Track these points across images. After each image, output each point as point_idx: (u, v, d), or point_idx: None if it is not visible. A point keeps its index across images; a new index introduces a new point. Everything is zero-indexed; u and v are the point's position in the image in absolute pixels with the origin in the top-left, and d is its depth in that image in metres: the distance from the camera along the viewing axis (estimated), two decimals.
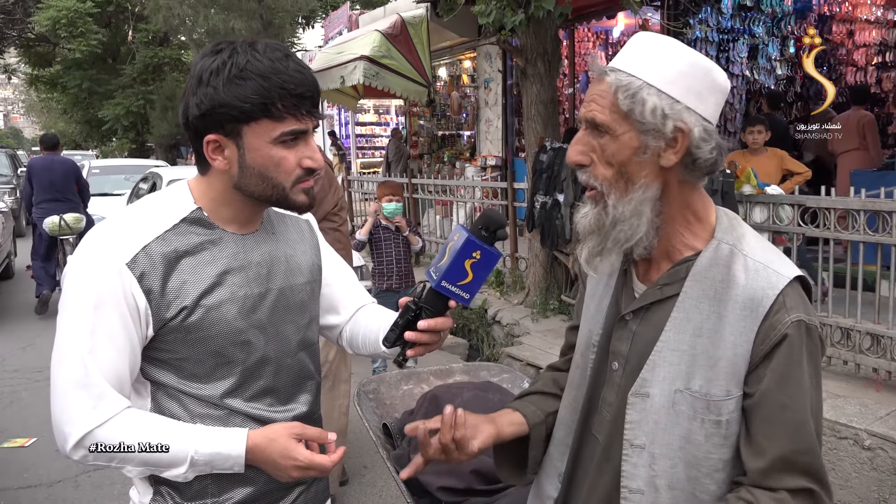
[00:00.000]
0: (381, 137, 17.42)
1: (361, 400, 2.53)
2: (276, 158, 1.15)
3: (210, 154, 1.16)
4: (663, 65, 1.07)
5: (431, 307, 1.14)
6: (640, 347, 1.16)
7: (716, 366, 1.08)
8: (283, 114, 1.12)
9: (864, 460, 3.32)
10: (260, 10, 14.07)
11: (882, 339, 3.75)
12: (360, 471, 3.80)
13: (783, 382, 1.05)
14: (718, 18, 8.30)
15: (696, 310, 1.10)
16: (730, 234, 1.13)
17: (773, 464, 1.04)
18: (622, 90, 1.07)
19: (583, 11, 7.62)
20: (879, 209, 3.73)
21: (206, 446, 1.11)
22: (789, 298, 1.07)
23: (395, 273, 4.57)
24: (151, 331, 1.15)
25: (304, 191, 1.20)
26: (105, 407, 1.11)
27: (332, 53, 8.58)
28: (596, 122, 1.09)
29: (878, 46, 8.62)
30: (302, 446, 1.16)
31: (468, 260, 1.09)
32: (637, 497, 1.13)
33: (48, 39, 20.92)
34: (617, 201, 1.10)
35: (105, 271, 1.11)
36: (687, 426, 1.10)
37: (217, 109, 1.11)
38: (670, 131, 1.06)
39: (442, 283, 1.11)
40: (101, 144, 26.35)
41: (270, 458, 1.15)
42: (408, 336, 1.16)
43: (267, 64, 1.11)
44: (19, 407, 4.78)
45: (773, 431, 1.05)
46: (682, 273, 1.13)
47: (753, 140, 5.14)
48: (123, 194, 10.06)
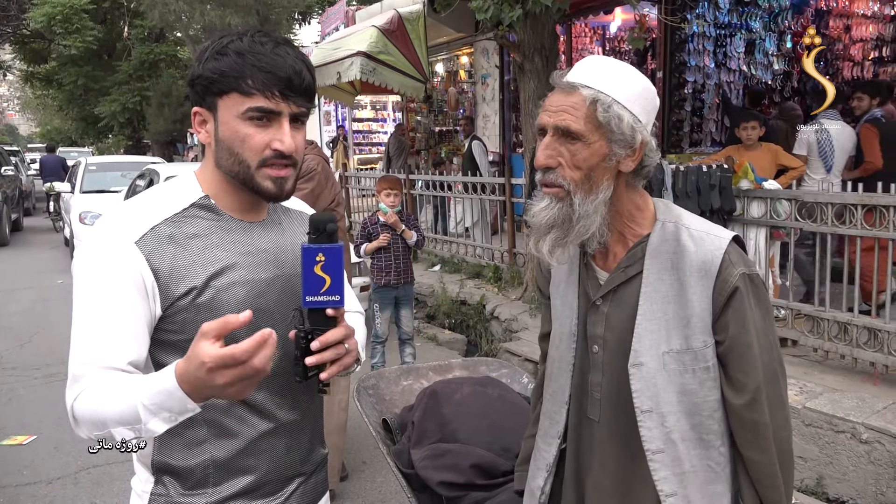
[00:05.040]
0: (379, 133, 17.38)
1: (361, 395, 2.53)
2: (241, 134, 1.17)
3: (196, 126, 1.23)
4: (626, 85, 1.24)
5: (316, 325, 1.14)
6: (615, 326, 1.31)
7: (689, 324, 1.25)
8: (251, 89, 1.15)
9: (862, 454, 3.33)
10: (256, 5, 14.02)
11: (879, 334, 3.77)
12: (360, 466, 3.81)
13: (745, 326, 1.24)
14: (716, 13, 8.29)
15: (659, 281, 1.27)
16: (669, 215, 1.31)
17: (754, 395, 1.24)
18: (600, 104, 1.21)
19: (580, 7, 7.61)
20: (877, 203, 3.74)
21: (149, 390, 1.05)
22: (732, 256, 1.25)
23: (394, 269, 4.57)
24: (160, 309, 1.16)
25: (270, 177, 1.20)
26: (78, 384, 1.13)
27: (328, 49, 8.55)
28: (570, 130, 1.23)
29: (874, 41, 8.63)
30: (211, 345, 0.97)
31: (316, 266, 1.11)
32: (660, 456, 1.26)
33: (43, 36, 20.79)
34: (582, 200, 1.24)
35: (114, 249, 1.14)
36: (679, 381, 1.25)
37: (196, 81, 1.19)
38: (637, 143, 1.24)
39: (307, 299, 1.12)
40: (97, 141, 26.22)
41: (194, 375, 0.99)
42: (309, 361, 1.13)
43: (247, 44, 1.17)
44: (18, 404, 4.78)
45: (748, 367, 1.24)
46: (638, 254, 1.30)
47: (748, 136, 5.13)
48: (120, 191, 10.02)
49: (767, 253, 4.49)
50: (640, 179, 1.31)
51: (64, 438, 4.13)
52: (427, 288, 7.01)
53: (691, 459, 1.26)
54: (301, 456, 1.33)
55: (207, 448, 1.20)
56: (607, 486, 1.31)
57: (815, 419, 3.49)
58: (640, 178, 1.31)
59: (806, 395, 3.66)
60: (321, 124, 16.47)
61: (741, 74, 8.74)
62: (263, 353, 0.99)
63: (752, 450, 1.26)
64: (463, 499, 2.03)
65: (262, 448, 1.25)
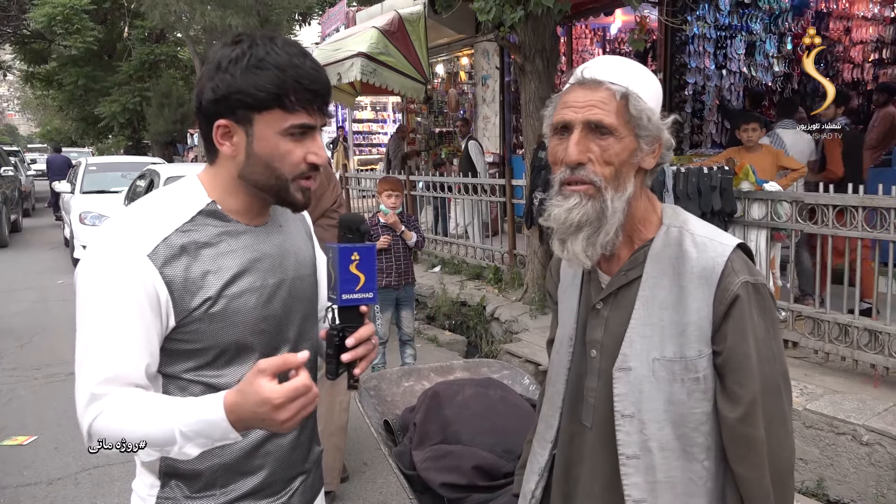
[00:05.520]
0: (379, 134, 17.39)
1: (362, 396, 2.53)
2: (282, 150, 1.17)
3: (218, 139, 1.19)
4: (646, 83, 1.23)
5: (349, 323, 1.17)
6: (613, 330, 1.28)
7: (685, 331, 1.22)
8: (296, 106, 1.15)
9: (863, 456, 3.33)
10: (257, 6, 14.04)
11: (880, 336, 3.77)
12: (361, 467, 3.81)
13: (743, 336, 1.19)
14: (716, 15, 8.30)
15: (658, 286, 1.24)
16: (675, 219, 1.29)
17: (747, 409, 1.19)
18: (632, 98, 1.20)
19: (581, 8, 7.62)
20: (877, 205, 3.74)
21: (188, 417, 1.07)
22: (735, 264, 1.21)
23: (395, 271, 4.57)
24: (173, 321, 1.15)
25: (302, 189, 1.21)
26: (100, 402, 1.11)
27: (329, 50, 8.56)
28: (603, 124, 1.19)
29: (874, 43, 8.64)
30: (270, 382, 1.03)
31: (351, 265, 1.15)
32: (634, 462, 1.24)
33: (44, 36, 20.81)
34: (614, 196, 1.21)
35: (125, 263, 1.11)
36: (668, 390, 1.22)
37: (233, 95, 1.14)
38: (663, 138, 1.24)
39: (343, 297, 1.15)
40: (97, 142, 26.24)
41: (250, 411, 1.04)
42: (345, 358, 1.16)
43: (285, 58, 1.14)
44: (18, 405, 4.77)
45: (744, 379, 1.19)
46: (641, 258, 1.27)
47: (748, 138, 5.13)
48: (120, 191, 10.03)
49: (768, 255, 4.49)
50: (651, 178, 1.29)
51: (64, 439, 4.13)
52: (427, 289, 7.01)
53: (670, 470, 1.22)
54: (303, 454, 1.36)
55: (216, 451, 1.20)
56: (597, 492, 1.31)
57: (815, 421, 3.49)
58: (651, 177, 1.29)
59: (807, 396, 3.66)
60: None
61: (741, 76, 8.75)
62: (316, 391, 1.07)
63: (742, 466, 1.21)
64: (465, 500, 2.03)
65: (268, 449, 1.26)
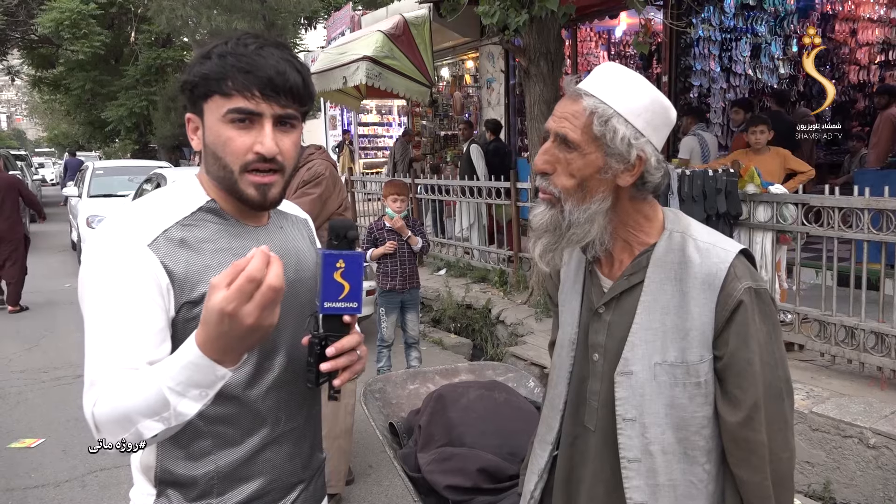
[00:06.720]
0: (384, 138, 17.41)
1: (368, 399, 2.54)
2: (223, 137, 1.15)
3: (190, 134, 1.22)
4: (632, 97, 1.22)
5: (332, 332, 1.14)
6: (616, 334, 1.29)
7: (687, 336, 1.23)
8: (231, 90, 1.13)
9: (870, 459, 3.32)
10: (263, 10, 14.11)
11: (886, 338, 3.75)
12: (366, 470, 3.81)
13: (745, 341, 1.20)
14: (721, 17, 8.30)
15: (661, 291, 1.25)
16: (677, 225, 1.29)
17: (749, 413, 1.20)
18: (597, 116, 1.20)
19: (585, 11, 7.63)
20: (883, 208, 3.73)
21: (171, 371, 1.02)
22: (738, 269, 1.23)
23: (400, 274, 4.57)
24: (173, 311, 1.13)
25: (255, 185, 1.17)
26: (96, 388, 1.08)
27: (334, 54, 8.59)
28: (567, 138, 1.22)
29: (880, 45, 8.61)
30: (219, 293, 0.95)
31: (336, 272, 1.10)
32: (635, 465, 1.25)
33: (51, 41, 20.94)
34: (573, 208, 1.23)
35: (127, 251, 1.11)
36: (669, 394, 1.23)
37: (184, 87, 1.18)
38: (633, 158, 1.21)
39: (326, 305, 1.11)
40: (104, 146, 26.37)
41: (217, 332, 0.97)
42: (324, 367, 1.13)
43: (230, 46, 1.15)
44: (26, 408, 4.80)
45: (745, 383, 1.20)
46: (643, 262, 1.28)
47: (756, 140, 5.14)
48: (128, 195, 10.07)
49: (774, 257, 4.48)
50: (645, 193, 1.27)
51: (72, 441, 4.15)
52: (433, 292, 7.02)
53: (671, 473, 1.24)
54: (302, 462, 1.32)
55: (212, 458, 1.19)
56: (600, 494, 1.31)
57: (822, 424, 3.48)
58: (646, 192, 1.27)
59: (813, 399, 3.65)
60: (327, 129, 16.51)
61: (747, 79, 8.74)
62: (274, 270, 0.95)
63: (743, 469, 1.22)
64: (469, 503, 2.04)
65: (265, 456, 1.24)
